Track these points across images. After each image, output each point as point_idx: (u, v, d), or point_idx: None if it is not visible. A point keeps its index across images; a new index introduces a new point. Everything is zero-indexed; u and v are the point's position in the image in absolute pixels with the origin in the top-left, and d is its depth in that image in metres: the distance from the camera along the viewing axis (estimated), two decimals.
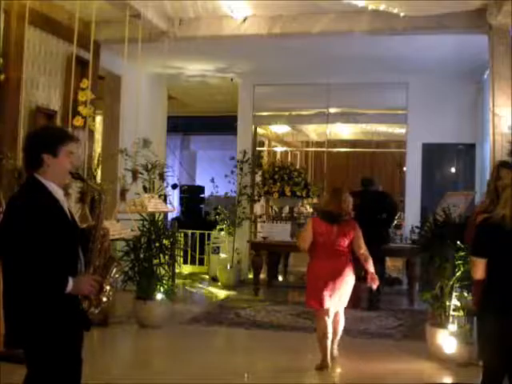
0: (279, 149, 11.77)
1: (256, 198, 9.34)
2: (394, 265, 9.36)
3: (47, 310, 2.63)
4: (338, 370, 5.38)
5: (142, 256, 6.26)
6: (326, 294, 4.85)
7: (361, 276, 7.51)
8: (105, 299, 2.82)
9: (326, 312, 4.90)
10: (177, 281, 6.88)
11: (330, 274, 4.88)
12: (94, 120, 6.29)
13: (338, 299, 4.95)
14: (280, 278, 9.48)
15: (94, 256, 2.80)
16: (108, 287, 2.84)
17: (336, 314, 5.07)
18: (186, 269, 9.72)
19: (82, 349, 2.89)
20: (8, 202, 2.80)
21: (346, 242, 4.99)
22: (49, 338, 2.65)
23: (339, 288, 4.92)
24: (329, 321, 4.91)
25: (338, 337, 5.18)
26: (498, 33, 5.71)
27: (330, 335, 4.90)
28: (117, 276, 2.94)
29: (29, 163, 2.75)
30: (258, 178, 9.42)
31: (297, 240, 5.56)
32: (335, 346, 5.15)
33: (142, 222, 6.26)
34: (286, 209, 9.37)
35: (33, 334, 2.65)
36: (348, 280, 5.00)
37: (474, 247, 3.35)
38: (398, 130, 9.61)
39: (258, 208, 10.14)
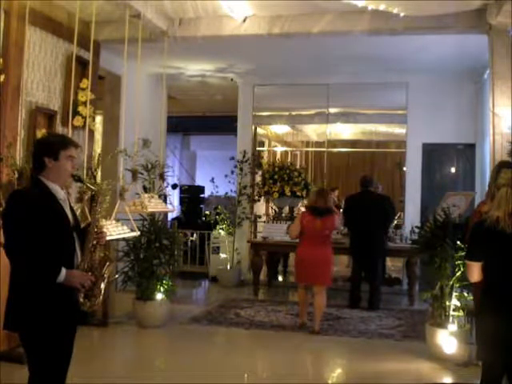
0: (279, 149, 11.76)
1: (256, 197, 9.34)
2: (394, 265, 9.36)
3: (39, 295, 2.77)
4: (338, 370, 5.40)
5: (141, 256, 6.26)
6: (308, 271, 6.09)
7: (361, 276, 7.59)
8: (96, 293, 2.94)
9: (305, 286, 6.29)
10: (177, 281, 6.86)
11: (312, 257, 6.09)
12: (94, 120, 6.29)
13: (318, 276, 6.11)
14: (280, 278, 9.48)
15: (88, 251, 2.95)
16: (102, 284, 2.98)
17: (317, 293, 6.19)
18: (186, 269, 9.71)
19: (74, 342, 3.01)
20: (9, 194, 3.00)
21: (327, 232, 6.18)
22: (39, 324, 2.79)
23: (319, 267, 6.10)
24: (306, 292, 6.30)
25: (320, 314, 6.22)
26: (497, 33, 5.71)
27: (307, 303, 6.35)
28: (108, 274, 3.04)
29: (34, 167, 2.99)
30: (258, 178, 9.42)
31: (287, 229, 6.82)
32: (317, 323, 6.19)
33: (141, 222, 6.26)
34: (286, 209, 9.37)
35: (25, 318, 2.80)
36: (327, 261, 6.19)
37: (468, 251, 3.35)
38: (398, 129, 9.59)
39: (262, 208, 10.13)
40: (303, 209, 9.49)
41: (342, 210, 8.07)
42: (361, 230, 7.38)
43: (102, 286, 2.98)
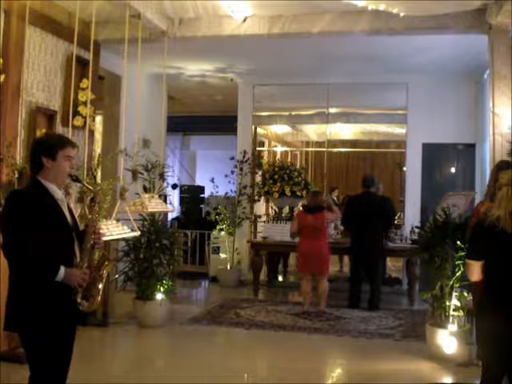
0: (279, 149, 11.76)
1: (256, 198, 9.34)
2: (394, 265, 9.36)
3: (38, 296, 2.77)
4: (338, 370, 5.40)
5: (141, 256, 6.26)
6: (307, 262, 7.00)
7: (360, 276, 7.60)
8: (94, 293, 2.95)
9: (307, 275, 7.10)
10: (177, 281, 6.87)
11: (310, 249, 6.98)
12: (94, 120, 6.29)
13: (316, 266, 6.99)
14: (280, 278, 9.48)
15: (86, 251, 2.94)
16: (100, 284, 2.98)
17: (319, 281, 7.10)
18: (186, 269, 9.71)
19: (74, 342, 3.01)
20: (7, 195, 2.99)
21: (319, 226, 6.99)
22: (39, 324, 2.79)
23: (316, 258, 6.96)
24: (308, 281, 7.11)
25: (324, 296, 7.10)
26: (497, 33, 5.71)
27: (309, 290, 7.14)
28: (106, 274, 3.04)
29: (32, 167, 2.98)
30: (258, 178, 9.42)
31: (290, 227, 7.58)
32: (323, 304, 7.12)
33: (142, 222, 6.26)
34: (286, 209, 9.37)
35: (25, 319, 2.79)
36: (322, 252, 7.02)
37: (469, 250, 3.35)
38: (398, 130, 9.60)
39: (262, 208, 10.14)
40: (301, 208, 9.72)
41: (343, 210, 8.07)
42: (361, 230, 7.38)
43: (100, 286, 2.98)
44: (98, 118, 7.66)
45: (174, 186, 11.43)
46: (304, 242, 7.07)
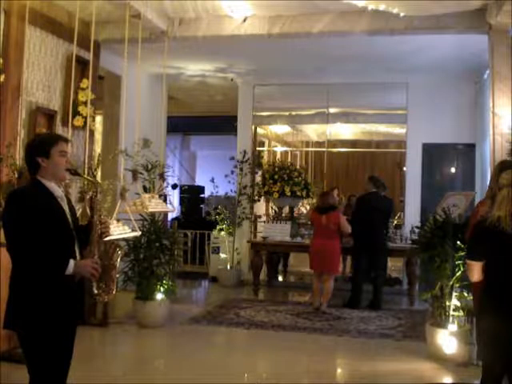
0: (279, 149, 11.76)
1: (256, 198, 9.34)
2: (394, 265, 9.36)
3: (40, 294, 2.76)
4: (338, 370, 5.40)
5: (141, 256, 6.26)
6: (317, 260, 7.14)
7: (364, 276, 7.59)
8: (109, 283, 2.97)
9: (317, 272, 7.27)
10: (177, 281, 6.86)
11: (321, 248, 7.10)
12: (94, 120, 6.29)
13: (325, 264, 7.10)
14: (280, 278, 9.49)
15: (95, 242, 2.95)
16: (113, 272, 3.00)
17: (326, 280, 7.15)
18: (186, 269, 9.71)
19: (74, 342, 3.00)
20: (7, 194, 3.00)
21: (332, 226, 7.07)
22: (39, 323, 2.78)
23: (326, 257, 7.08)
24: (318, 279, 7.25)
25: (327, 297, 7.13)
26: (498, 33, 5.72)
27: (319, 288, 7.24)
28: (118, 262, 3.05)
29: (29, 169, 2.98)
30: (258, 178, 9.42)
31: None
32: (324, 304, 7.11)
33: (142, 222, 6.26)
34: (286, 209, 9.37)
35: (25, 317, 2.79)
36: (333, 252, 7.11)
37: (469, 250, 3.35)
38: (398, 129, 9.60)
39: (262, 208, 10.13)
40: (303, 209, 9.73)
41: (352, 211, 8.06)
42: (367, 230, 7.35)
43: (114, 273, 2.99)
44: (98, 118, 7.66)
45: (174, 186, 11.43)
46: (316, 240, 7.20)
